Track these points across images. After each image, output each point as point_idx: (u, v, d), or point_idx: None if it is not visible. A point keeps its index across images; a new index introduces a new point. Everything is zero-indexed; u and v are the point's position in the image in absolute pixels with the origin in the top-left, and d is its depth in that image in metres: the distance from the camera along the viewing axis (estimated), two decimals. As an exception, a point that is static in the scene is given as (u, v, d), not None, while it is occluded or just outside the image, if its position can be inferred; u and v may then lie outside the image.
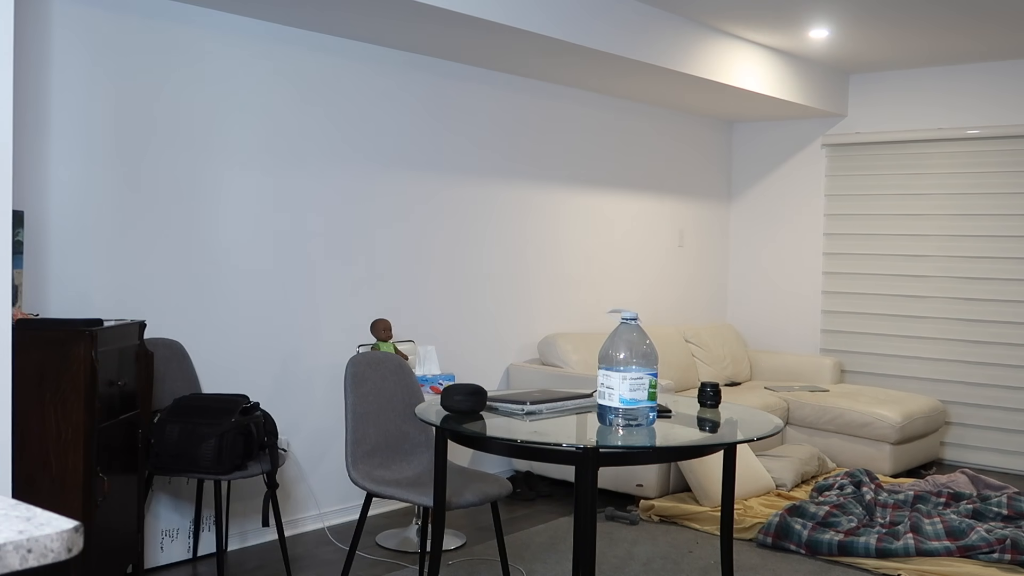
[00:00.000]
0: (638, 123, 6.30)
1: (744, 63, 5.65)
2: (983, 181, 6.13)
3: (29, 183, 3.50)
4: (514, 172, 5.47)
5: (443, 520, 3.09)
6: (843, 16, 5.09)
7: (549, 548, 4.23)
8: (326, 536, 4.37)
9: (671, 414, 3.05)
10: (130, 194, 3.82)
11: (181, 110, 3.96)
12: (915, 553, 4.02)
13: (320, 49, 4.44)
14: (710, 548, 4.23)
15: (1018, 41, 5.52)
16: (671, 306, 6.68)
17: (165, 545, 3.92)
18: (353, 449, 3.46)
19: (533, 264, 5.63)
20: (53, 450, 2.94)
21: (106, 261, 3.75)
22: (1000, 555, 4.01)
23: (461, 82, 5.11)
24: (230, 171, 4.14)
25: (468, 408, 2.95)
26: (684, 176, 6.74)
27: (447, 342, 5.09)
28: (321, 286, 4.51)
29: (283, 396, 4.35)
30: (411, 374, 3.81)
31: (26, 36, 3.46)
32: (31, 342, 2.91)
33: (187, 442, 3.44)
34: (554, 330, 5.74)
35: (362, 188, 4.66)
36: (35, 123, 3.52)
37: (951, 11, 4.94)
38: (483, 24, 4.17)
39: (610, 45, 4.73)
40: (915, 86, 6.36)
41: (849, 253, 6.69)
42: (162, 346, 3.78)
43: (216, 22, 4.04)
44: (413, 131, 4.89)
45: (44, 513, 1.21)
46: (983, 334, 6.15)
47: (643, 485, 4.86)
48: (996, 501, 4.59)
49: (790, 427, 5.88)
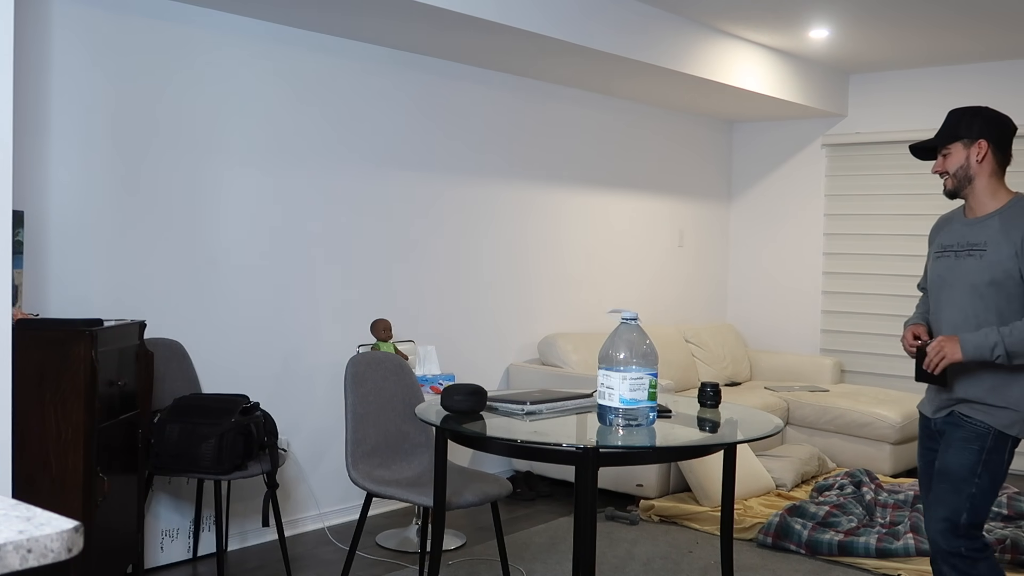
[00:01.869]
0: (638, 123, 6.30)
1: (744, 63, 5.65)
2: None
3: (29, 183, 3.50)
4: (515, 172, 5.47)
5: (443, 520, 3.09)
6: (843, 16, 5.09)
7: (549, 548, 4.23)
8: (326, 536, 4.37)
9: (671, 414, 3.05)
10: (130, 194, 3.82)
11: (181, 110, 3.96)
12: (915, 553, 4.02)
13: (320, 49, 4.44)
14: (710, 548, 4.23)
15: (1018, 41, 5.51)
16: (671, 306, 6.68)
17: (165, 545, 3.92)
18: (353, 449, 3.46)
19: (533, 264, 5.63)
20: (53, 450, 2.94)
21: (106, 261, 3.75)
22: (1000, 555, 4.01)
23: (461, 82, 5.11)
24: (230, 171, 4.14)
25: (468, 408, 2.95)
26: (684, 176, 6.74)
27: (447, 342, 5.09)
28: (321, 286, 4.51)
29: (283, 396, 4.35)
30: (411, 374, 3.81)
31: (26, 36, 3.46)
32: (31, 342, 2.91)
33: (187, 442, 3.44)
34: (554, 330, 5.74)
35: (362, 188, 4.66)
36: (35, 123, 3.52)
37: (951, 11, 4.94)
38: (483, 24, 4.17)
39: (610, 45, 4.73)
40: (915, 86, 6.36)
41: (849, 253, 6.68)
42: (162, 346, 3.77)
43: (216, 22, 4.04)
44: (413, 131, 4.89)
45: (44, 513, 1.21)
46: (983, 334, 6.13)
47: (643, 485, 4.86)
48: (996, 501, 4.59)
49: (790, 427, 5.88)
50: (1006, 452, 2.81)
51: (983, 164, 2.80)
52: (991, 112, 2.84)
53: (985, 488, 2.80)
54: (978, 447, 2.80)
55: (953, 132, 2.83)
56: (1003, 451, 2.80)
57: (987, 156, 2.80)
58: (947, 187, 2.88)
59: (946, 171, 2.86)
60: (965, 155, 2.81)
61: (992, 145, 2.80)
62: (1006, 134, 2.84)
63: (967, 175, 2.82)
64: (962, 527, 2.78)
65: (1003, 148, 2.83)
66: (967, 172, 2.82)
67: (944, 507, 2.82)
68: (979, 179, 2.82)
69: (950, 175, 2.85)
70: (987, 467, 2.79)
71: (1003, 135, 2.82)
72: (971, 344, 2.74)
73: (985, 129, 2.80)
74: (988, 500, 2.81)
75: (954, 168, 2.83)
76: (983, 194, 2.82)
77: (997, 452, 2.80)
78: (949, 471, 2.83)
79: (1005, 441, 2.80)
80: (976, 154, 2.80)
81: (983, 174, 2.81)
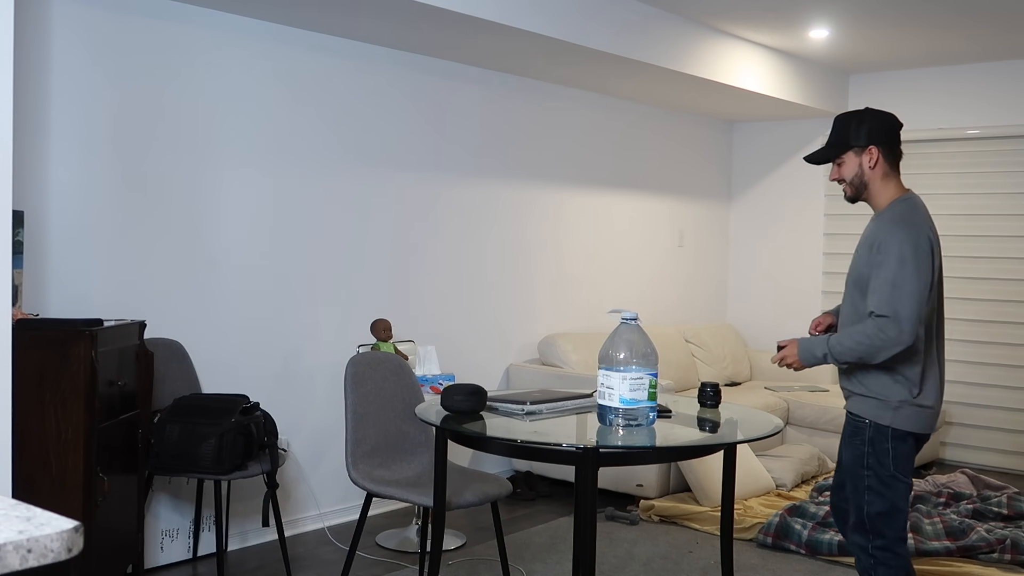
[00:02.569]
0: (638, 123, 6.30)
1: (744, 63, 5.65)
2: (983, 181, 6.13)
3: (29, 183, 3.50)
4: (515, 172, 5.47)
5: (443, 520, 3.09)
6: (843, 16, 5.09)
7: (549, 548, 4.23)
8: (326, 536, 4.37)
9: (671, 414, 3.05)
10: (130, 194, 3.82)
11: (181, 110, 3.96)
12: (915, 553, 4.02)
13: (320, 49, 4.44)
14: (710, 548, 4.23)
15: (1017, 41, 5.52)
16: (671, 306, 6.68)
17: (165, 545, 3.92)
18: (353, 449, 3.46)
19: (533, 264, 5.63)
20: (53, 450, 2.94)
21: (106, 261, 3.75)
22: (1000, 555, 4.01)
23: (461, 82, 5.11)
24: (230, 171, 4.14)
25: (468, 408, 2.95)
26: (684, 176, 6.74)
27: (447, 342, 5.09)
28: (321, 286, 4.51)
29: (283, 396, 4.35)
30: (411, 374, 3.81)
31: (26, 36, 3.46)
32: (31, 342, 2.91)
33: (187, 442, 3.44)
34: (554, 330, 5.74)
35: (362, 188, 4.66)
36: (35, 123, 3.52)
37: (951, 11, 4.94)
38: (483, 24, 4.17)
39: (609, 45, 4.73)
40: (915, 86, 6.36)
41: (849, 253, 6.62)
42: (162, 346, 3.77)
43: (216, 22, 4.04)
44: (413, 131, 4.89)
45: (44, 513, 1.21)
46: (983, 334, 6.14)
47: (643, 485, 4.86)
48: (996, 501, 4.59)
49: (790, 427, 5.88)
50: (888, 442, 2.81)
51: (875, 169, 2.88)
52: (876, 115, 2.91)
53: (883, 479, 2.80)
54: (859, 440, 2.85)
55: (843, 142, 2.91)
56: (884, 442, 2.81)
57: (878, 161, 2.87)
58: (846, 194, 2.97)
59: (842, 179, 2.94)
60: (858, 163, 2.89)
61: (882, 149, 2.87)
62: (893, 135, 2.91)
63: (862, 181, 2.91)
64: (867, 521, 2.82)
65: (892, 148, 2.91)
66: (862, 179, 2.90)
67: (852, 503, 2.88)
68: (873, 183, 2.89)
69: (847, 183, 2.93)
70: (875, 458, 2.81)
71: (891, 137, 2.90)
72: (806, 350, 2.89)
73: (874, 135, 2.87)
74: (891, 494, 2.80)
75: (849, 176, 2.92)
76: (878, 196, 2.90)
77: (878, 443, 2.81)
78: (845, 466, 2.92)
79: (884, 431, 2.81)
80: (868, 161, 2.87)
81: (876, 178, 2.89)
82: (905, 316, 2.68)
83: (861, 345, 2.74)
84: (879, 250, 2.77)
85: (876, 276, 2.75)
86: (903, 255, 2.72)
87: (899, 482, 2.81)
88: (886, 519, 2.81)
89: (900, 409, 2.81)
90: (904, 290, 2.70)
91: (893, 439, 2.80)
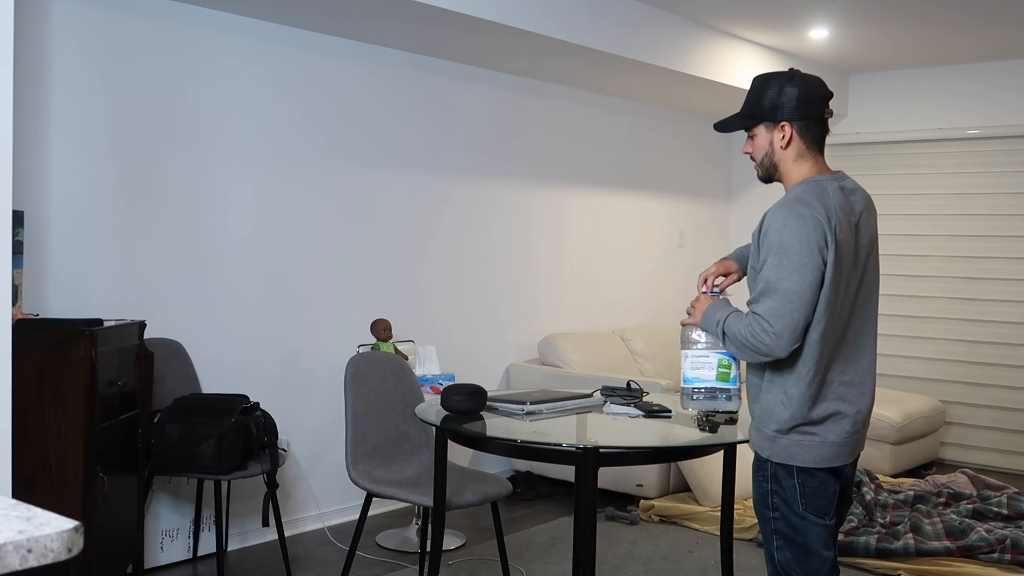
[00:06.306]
0: (638, 123, 6.30)
1: (744, 63, 5.65)
2: (983, 181, 6.13)
3: (29, 183, 3.50)
4: (514, 172, 5.47)
5: (443, 520, 3.09)
6: (843, 16, 5.09)
7: (549, 548, 4.23)
8: (326, 536, 4.36)
9: (671, 414, 3.05)
10: (130, 194, 3.82)
11: (181, 110, 3.96)
12: (915, 553, 4.02)
13: (320, 49, 4.44)
14: (710, 548, 4.23)
15: (1017, 41, 5.52)
16: (671, 306, 6.68)
17: (165, 545, 3.92)
18: (353, 449, 3.46)
19: (533, 264, 5.62)
20: (53, 450, 2.94)
21: (106, 261, 3.75)
22: (1000, 555, 4.01)
23: (462, 82, 5.11)
24: (230, 171, 4.14)
25: (468, 408, 2.95)
26: (684, 176, 6.74)
27: (447, 342, 5.09)
28: (321, 286, 4.51)
29: (283, 396, 4.35)
30: (411, 374, 3.82)
31: (26, 36, 3.46)
32: (31, 342, 2.91)
33: (187, 442, 3.44)
34: (554, 330, 5.73)
35: (362, 188, 4.66)
36: (35, 123, 3.52)
37: (950, 11, 4.94)
38: (483, 24, 4.17)
39: (610, 45, 4.73)
40: (915, 86, 6.36)
41: (849, 253, 6.67)
42: (162, 346, 3.77)
43: (216, 22, 4.04)
44: (413, 131, 4.89)
45: (44, 513, 1.21)
46: (983, 334, 6.14)
47: (643, 485, 4.86)
48: (996, 501, 4.59)
49: (790, 427, 5.87)
50: (794, 478, 2.31)
51: (788, 149, 2.40)
52: (797, 83, 2.41)
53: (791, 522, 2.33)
54: (761, 476, 2.37)
55: (755, 112, 2.43)
56: (789, 477, 2.31)
57: (791, 140, 2.39)
58: (758, 174, 2.51)
59: (753, 156, 2.48)
60: (768, 139, 2.42)
61: (797, 126, 2.38)
62: (816, 108, 2.40)
63: (772, 162, 2.43)
64: (781, 570, 2.37)
65: (812, 124, 2.41)
66: (772, 159, 2.43)
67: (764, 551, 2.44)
68: (783, 164, 2.42)
69: (756, 163, 2.47)
70: (779, 497, 2.33)
71: (812, 110, 2.39)
72: (709, 315, 2.47)
73: (787, 110, 2.37)
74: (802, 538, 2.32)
75: (760, 155, 2.45)
76: (788, 179, 2.44)
77: (783, 479, 2.32)
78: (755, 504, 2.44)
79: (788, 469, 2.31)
80: (780, 139, 2.40)
81: (787, 159, 2.41)
82: (782, 325, 2.23)
83: (739, 338, 2.31)
84: (763, 237, 2.31)
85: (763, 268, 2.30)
86: (783, 246, 2.25)
87: (812, 524, 2.31)
88: (800, 567, 2.33)
89: (777, 439, 2.31)
90: (782, 292, 2.24)
91: (800, 473, 2.30)
